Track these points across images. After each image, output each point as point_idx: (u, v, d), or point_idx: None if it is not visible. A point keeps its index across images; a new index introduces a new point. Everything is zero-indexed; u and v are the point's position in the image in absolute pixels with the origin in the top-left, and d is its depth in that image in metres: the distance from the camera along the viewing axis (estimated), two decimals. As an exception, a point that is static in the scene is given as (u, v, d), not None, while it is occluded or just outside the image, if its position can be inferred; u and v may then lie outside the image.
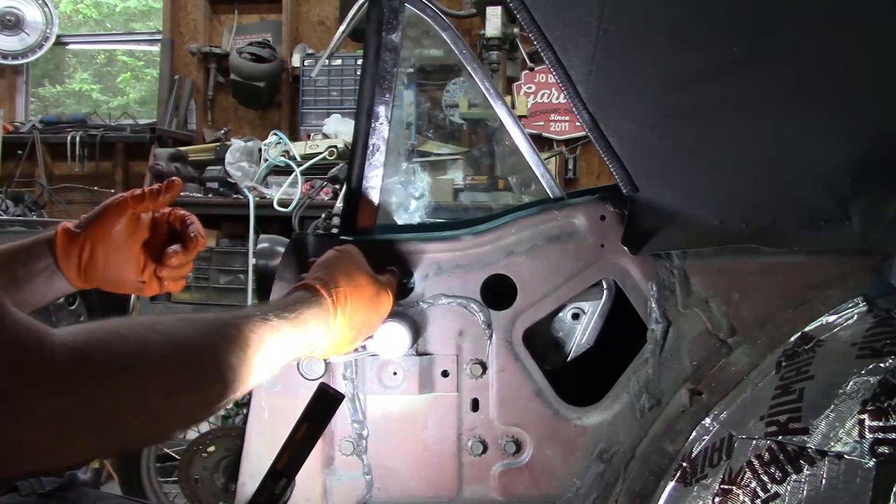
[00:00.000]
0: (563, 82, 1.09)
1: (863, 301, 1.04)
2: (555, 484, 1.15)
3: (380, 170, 1.19)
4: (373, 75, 1.18)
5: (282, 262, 1.18)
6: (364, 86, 1.19)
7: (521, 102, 4.56)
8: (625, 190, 1.12)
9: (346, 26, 1.44)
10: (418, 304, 1.16)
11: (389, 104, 1.18)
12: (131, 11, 7.04)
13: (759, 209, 1.08)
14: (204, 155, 4.37)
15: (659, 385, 1.13)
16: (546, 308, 1.17)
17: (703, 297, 1.13)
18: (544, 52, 1.08)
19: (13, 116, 5.59)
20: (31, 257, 1.08)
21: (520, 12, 1.06)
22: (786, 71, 1.03)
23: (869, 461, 0.87)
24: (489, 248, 1.16)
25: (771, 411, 0.98)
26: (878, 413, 0.89)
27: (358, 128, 1.19)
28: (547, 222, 1.17)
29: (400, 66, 1.18)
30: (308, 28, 5.26)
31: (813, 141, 1.06)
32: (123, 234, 1.09)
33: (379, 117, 1.18)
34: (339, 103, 4.56)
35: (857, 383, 0.93)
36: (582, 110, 1.10)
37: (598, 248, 1.15)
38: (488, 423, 1.16)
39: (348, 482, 1.17)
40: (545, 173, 1.26)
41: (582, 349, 1.23)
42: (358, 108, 1.20)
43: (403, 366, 1.15)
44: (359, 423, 1.16)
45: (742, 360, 1.10)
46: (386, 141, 1.18)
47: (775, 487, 0.92)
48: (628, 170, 1.11)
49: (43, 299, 1.10)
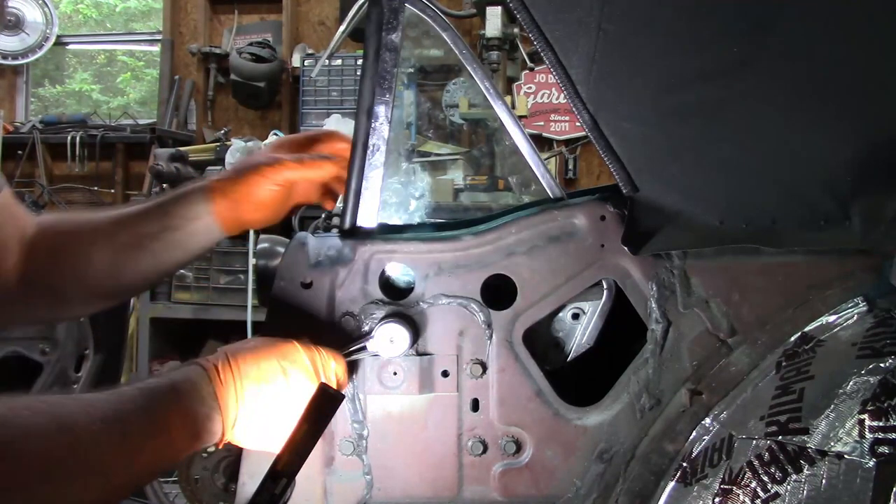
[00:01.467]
0: (563, 82, 1.09)
1: (863, 301, 1.04)
2: (555, 484, 1.15)
3: (380, 170, 1.19)
4: (373, 75, 1.18)
5: (282, 262, 1.18)
6: (364, 86, 1.19)
7: (521, 102, 4.56)
8: (625, 190, 1.12)
9: (346, 26, 1.45)
10: (418, 304, 1.16)
11: (389, 104, 1.18)
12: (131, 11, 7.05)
13: (760, 209, 1.08)
14: (204, 155, 4.37)
15: (659, 385, 1.13)
16: (546, 308, 1.17)
17: (704, 297, 1.13)
18: (544, 52, 1.08)
19: (13, 117, 5.58)
20: (187, 205, 1.19)
21: (520, 12, 1.06)
22: (786, 71, 1.04)
23: (869, 461, 0.87)
24: (489, 248, 1.16)
25: (771, 411, 0.98)
26: (878, 413, 0.89)
27: (358, 128, 1.19)
28: (547, 222, 1.17)
29: (400, 66, 1.18)
30: (308, 28, 5.26)
31: (813, 141, 1.06)
32: (274, 198, 1.21)
33: (379, 117, 1.18)
34: (339, 103, 4.55)
35: (857, 383, 0.93)
36: (582, 110, 1.10)
37: (598, 248, 1.15)
38: (488, 423, 1.16)
39: (348, 482, 1.17)
40: (545, 173, 1.26)
41: (582, 349, 1.23)
42: (358, 108, 1.20)
43: (403, 366, 1.15)
44: (359, 423, 1.16)
45: (742, 360, 1.10)
46: (386, 141, 1.18)
47: (775, 487, 0.93)
48: (628, 170, 1.11)
49: (197, 245, 1.21)
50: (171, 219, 1.18)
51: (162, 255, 1.19)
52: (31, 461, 0.73)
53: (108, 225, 1.19)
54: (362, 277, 1.17)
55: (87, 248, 1.17)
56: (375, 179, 1.19)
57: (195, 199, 1.20)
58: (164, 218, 1.19)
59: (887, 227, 1.00)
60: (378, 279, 1.17)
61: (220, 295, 3.67)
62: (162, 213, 1.19)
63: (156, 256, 1.18)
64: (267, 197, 1.21)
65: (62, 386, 1.69)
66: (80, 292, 1.19)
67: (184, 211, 1.19)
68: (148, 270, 1.20)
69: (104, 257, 1.17)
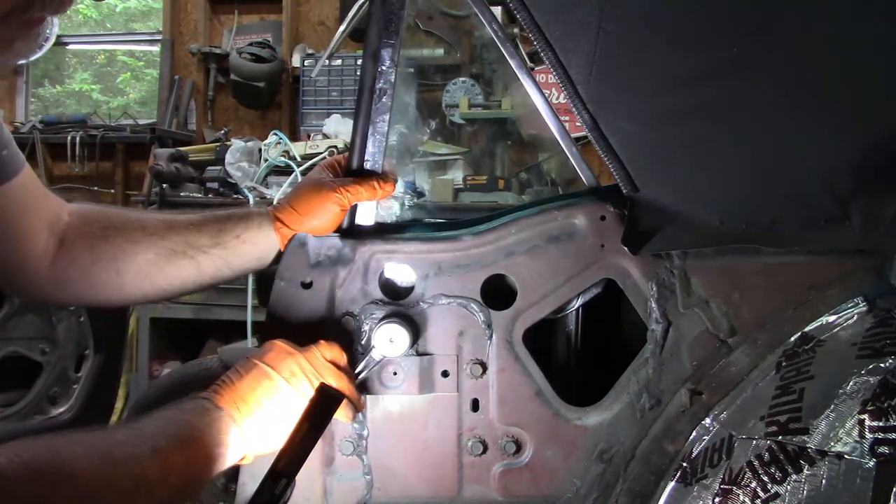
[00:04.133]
0: (563, 82, 1.09)
1: (863, 301, 1.04)
2: (555, 484, 1.15)
3: (386, 114, 1.18)
4: (379, 18, 1.15)
5: (282, 263, 1.18)
6: (371, 30, 1.16)
7: (521, 102, 4.55)
8: (625, 190, 1.12)
9: (346, 26, 1.45)
10: (418, 304, 1.16)
11: (396, 47, 1.16)
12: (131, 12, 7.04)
13: (760, 209, 1.09)
14: (204, 155, 4.36)
15: (659, 385, 1.13)
16: (546, 308, 1.17)
17: (704, 297, 1.13)
18: (544, 52, 1.08)
19: (13, 117, 5.58)
20: (246, 227, 1.20)
21: (520, 12, 1.06)
22: (786, 71, 1.04)
23: (869, 461, 0.87)
24: (489, 248, 1.16)
25: (771, 411, 0.98)
26: (878, 413, 0.89)
27: (364, 72, 1.18)
28: (547, 222, 1.17)
29: (406, 8, 1.15)
30: (308, 28, 5.26)
31: (813, 141, 1.06)
32: (332, 225, 1.21)
33: (385, 61, 1.16)
34: (339, 103, 4.55)
35: (857, 383, 0.93)
36: (582, 110, 1.10)
37: (598, 248, 1.15)
38: (488, 423, 1.16)
39: (348, 482, 1.17)
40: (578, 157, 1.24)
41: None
42: (364, 53, 1.19)
43: (403, 366, 1.15)
44: (359, 423, 1.16)
45: (742, 360, 1.09)
46: (393, 85, 1.16)
47: (775, 487, 0.93)
48: (628, 170, 1.11)
49: (241, 266, 1.22)
50: (224, 236, 1.19)
51: (206, 268, 1.20)
52: (85, 490, 0.80)
53: (157, 227, 1.20)
54: (362, 277, 1.17)
55: (131, 246, 1.18)
56: (382, 124, 1.18)
57: (255, 223, 1.20)
58: (217, 234, 1.20)
59: (887, 227, 1.01)
60: (378, 279, 1.17)
61: (220, 295, 3.66)
62: (217, 230, 1.20)
63: (199, 268, 1.19)
64: (327, 223, 1.20)
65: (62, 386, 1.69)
66: (113, 287, 1.19)
67: (240, 231, 1.20)
68: (187, 280, 1.21)
69: (147, 258, 1.18)
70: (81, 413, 1.70)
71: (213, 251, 1.19)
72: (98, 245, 1.18)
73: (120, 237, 1.19)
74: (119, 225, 1.20)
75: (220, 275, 1.22)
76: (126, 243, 1.18)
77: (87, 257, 1.17)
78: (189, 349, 3.59)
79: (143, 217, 1.24)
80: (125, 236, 1.19)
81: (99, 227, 1.20)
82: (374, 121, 1.18)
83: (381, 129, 1.18)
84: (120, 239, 1.18)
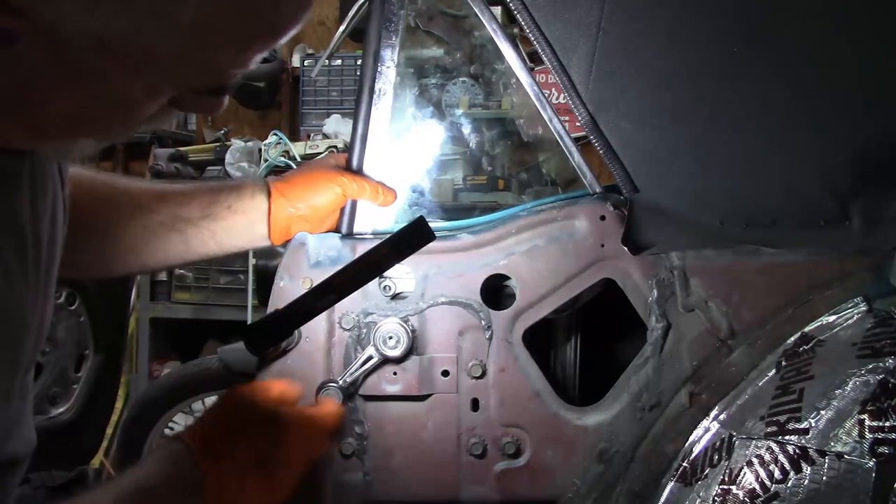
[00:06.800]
0: (563, 82, 1.09)
1: (863, 301, 1.04)
2: (555, 484, 1.15)
3: (386, 115, 1.17)
4: (379, 17, 1.15)
5: (282, 262, 1.18)
6: (370, 29, 1.16)
7: (521, 102, 4.55)
8: (625, 190, 1.12)
9: (346, 26, 1.44)
10: (418, 304, 1.16)
11: (396, 47, 1.16)
12: (131, 11, 7.04)
13: (760, 209, 1.09)
14: (204, 155, 4.36)
15: (659, 385, 1.13)
16: (546, 308, 1.17)
17: (703, 297, 1.13)
18: (544, 52, 1.08)
19: (13, 117, 5.58)
20: (239, 196, 1.15)
21: (520, 12, 1.06)
22: (786, 71, 1.04)
23: (869, 461, 0.87)
24: (489, 248, 1.16)
25: (771, 411, 0.98)
26: (878, 413, 0.89)
27: (364, 71, 1.17)
28: (547, 222, 1.17)
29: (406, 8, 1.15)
30: (308, 28, 5.26)
31: (813, 141, 1.06)
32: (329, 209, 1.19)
33: (385, 60, 1.16)
34: (339, 103, 4.54)
35: (857, 383, 0.93)
36: (582, 110, 1.10)
37: (598, 248, 1.15)
38: (488, 423, 1.16)
39: (348, 482, 1.17)
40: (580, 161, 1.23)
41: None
42: (364, 52, 1.18)
43: (403, 366, 1.15)
44: (359, 423, 1.16)
45: (742, 360, 1.10)
46: (393, 85, 1.15)
47: (775, 487, 0.93)
48: (628, 170, 1.11)
49: (230, 241, 1.17)
50: (215, 207, 1.14)
51: (193, 242, 1.14)
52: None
53: (147, 199, 1.13)
54: (362, 277, 1.17)
55: (123, 220, 1.11)
56: (381, 124, 1.18)
57: (249, 191, 1.16)
58: (209, 206, 1.14)
59: (887, 227, 1.01)
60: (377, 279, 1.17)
61: (220, 295, 3.66)
62: (209, 200, 1.14)
63: (187, 242, 1.14)
64: (325, 203, 1.18)
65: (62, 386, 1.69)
66: (96, 259, 1.13)
67: (232, 201, 1.15)
68: (173, 255, 1.15)
69: (135, 232, 1.12)
70: (81, 413, 1.70)
71: (202, 223, 1.13)
72: (84, 219, 1.06)
73: (109, 211, 1.11)
74: (109, 197, 1.13)
75: (206, 249, 1.16)
76: (116, 218, 1.11)
77: (72, 232, 1.05)
78: (189, 349, 3.59)
79: (134, 187, 1.16)
80: (115, 210, 1.12)
81: (88, 198, 1.09)
82: (374, 121, 1.18)
83: (381, 129, 1.18)
84: (109, 213, 1.11)
